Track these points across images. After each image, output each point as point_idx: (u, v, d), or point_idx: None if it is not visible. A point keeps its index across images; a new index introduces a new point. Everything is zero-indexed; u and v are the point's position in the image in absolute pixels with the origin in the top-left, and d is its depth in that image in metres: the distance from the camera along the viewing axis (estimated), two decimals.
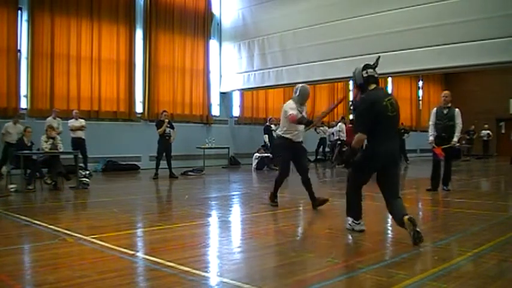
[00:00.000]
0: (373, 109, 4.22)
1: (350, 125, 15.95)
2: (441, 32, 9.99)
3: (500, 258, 3.59)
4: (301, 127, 6.06)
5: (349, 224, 4.65)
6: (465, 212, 5.89)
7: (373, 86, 4.45)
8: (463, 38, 9.73)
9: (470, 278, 3.06)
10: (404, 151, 17.86)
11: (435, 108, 8.18)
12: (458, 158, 20.45)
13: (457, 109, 7.89)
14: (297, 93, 6.09)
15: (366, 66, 4.68)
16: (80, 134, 10.79)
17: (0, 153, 10.10)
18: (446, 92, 8.20)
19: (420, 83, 25.49)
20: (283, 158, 6.21)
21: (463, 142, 21.39)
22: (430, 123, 8.12)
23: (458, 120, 7.79)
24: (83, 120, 11.06)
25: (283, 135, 6.07)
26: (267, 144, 14.85)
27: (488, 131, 21.19)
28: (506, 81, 22.65)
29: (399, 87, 23.71)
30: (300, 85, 6.24)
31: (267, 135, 14.59)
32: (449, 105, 7.91)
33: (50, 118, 10.45)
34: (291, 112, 5.85)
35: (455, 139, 7.71)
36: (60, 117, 10.87)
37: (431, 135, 8.05)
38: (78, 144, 10.58)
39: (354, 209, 4.67)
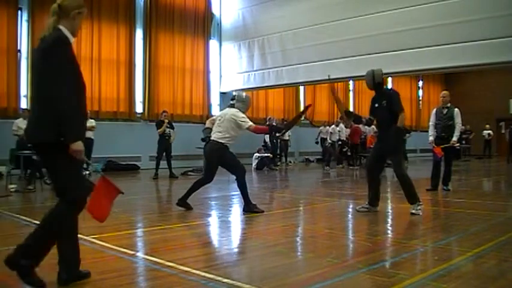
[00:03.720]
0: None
1: (356, 125, 15.92)
2: (441, 32, 10.00)
3: (500, 258, 3.59)
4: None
5: (418, 209, 5.49)
6: (465, 212, 5.89)
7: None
8: (463, 38, 9.74)
9: (470, 278, 3.06)
10: (404, 151, 17.83)
11: (435, 109, 8.20)
12: (458, 158, 20.50)
13: (456, 109, 7.88)
14: (245, 103, 5.93)
15: (381, 70, 5.74)
16: (89, 134, 10.52)
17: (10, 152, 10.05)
18: (444, 92, 8.20)
19: (420, 83, 25.51)
20: (232, 159, 5.85)
21: (463, 142, 21.42)
22: (430, 123, 8.13)
23: (458, 120, 7.78)
24: (92, 121, 10.87)
25: (226, 143, 5.73)
26: (268, 144, 14.89)
27: (489, 131, 21.18)
28: (506, 81, 22.65)
29: (399, 87, 23.63)
30: (243, 93, 6.15)
31: (267, 135, 14.62)
32: (449, 105, 7.91)
33: None
34: (250, 124, 5.71)
35: (454, 139, 7.70)
36: None
37: (431, 136, 8.05)
38: (89, 145, 10.43)
39: (415, 191, 5.56)
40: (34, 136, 2.78)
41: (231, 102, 5.98)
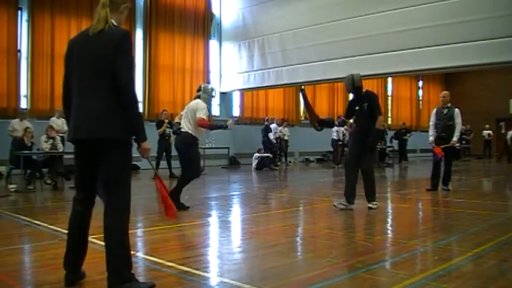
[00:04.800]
0: None
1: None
2: (441, 32, 10.00)
3: (500, 258, 3.59)
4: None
5: (375, 204, 5.89)
6: (465, 212, 5.89)
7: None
8: (463, 38, 9.74)
9: (470, 278, 3.06)
10: (405, 151, 17.85)
11: (435, 109, 8.19)
12: (458, 158, 20.50)
13: (456, 109, 7.87)
14: (209, 93, 6.12)
15: (359, 74, 6.09)
16: None
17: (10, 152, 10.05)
18: (444, 92, 8.19)
19: (420, 83, 25.51)
20: (195, 156, 6.00)
21: (463, 142, 21.41)
22: (430, 123, 8.12)
23: (458, 120, 7.78)
24: None
25: (195, 135, 5.89)
26: (273, 143, 14.99)
27: (489, 131, 21.19)
28: (506, 81, 22.66)
29: (399, 87, 23.73)
30: (210, 85, 6.33)
31: (271, 134, 14.96)
32: (449, 105, 7.90)
33: (53, 118, 10.28)
34: (202, 116, 5.79)
35: (454, 139, 7.70)
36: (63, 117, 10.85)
37: (431, 135, 8.05)
38: None
39: (375, 190, 5.99)
40: (100, 131, 2.63)
41: (197, 93, 6.14)
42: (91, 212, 2.89)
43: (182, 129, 5.93)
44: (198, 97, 6.08)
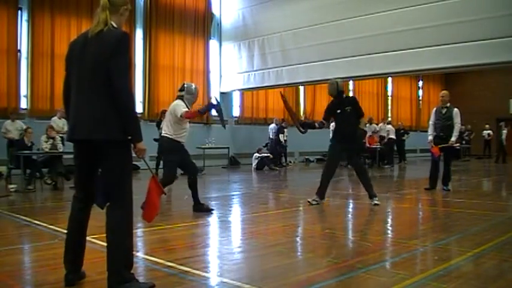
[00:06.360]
0: None
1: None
2: (441, 32, 10.00)
3: (500, 258, 3.59)
4: (188, 128, 5.68)
5: (376, 203, 6.18)
6: (465, 212, 5.89)
7: None
8: (463, 38, 9.74)
9: (470, 278, 3.06)
10: (403, 151, 17.84)
11: (435, 108, 8.21)
12: (458, 158, 20.49)
13: (455, 109, 7.89)
14: (193, 95, 5.74)
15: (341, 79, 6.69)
16: None
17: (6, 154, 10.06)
18: (443, 92, 8.22)
19: (420, 83, 25.50)
20: (173, 162, 5.64)
21: (463, 142, 21.38)
22: (430, 122, 8.16)
23: (457, 120, 7.79)
24: None
25: (176, 138, 5.54)
26: (282, 143, 15.12)
27: (489, 131, 21.18)
28: (506, 81, 22.64)
29: (399, 87, 23.73)
30: (193, 85, 5.88)
31: (281, 134, 15.20)
32: (448, 104, 7.92)
33: (55, 118, 10.25)
34: (184, 110, 5.42)
35: (453, 139, 7.72)
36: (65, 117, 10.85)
37: (430, 135, 8.07)
38: None
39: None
40: (97, 132, 2.63)
41: (179, 93, 5.71)
42: (90, 210, 2.91)
43: (162, 133, 5.69)
44: (180, 97, 5.66)
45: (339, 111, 6.45)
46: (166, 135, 5.58)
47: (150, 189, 3.11)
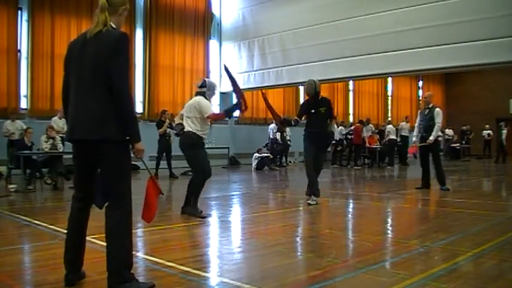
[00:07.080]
0: None
1: (358, 124, 15.95)
2: (441, 32, 10.00)
3: (500, 258, 3.59)
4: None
5: (312, 203, 6.35)
6: (465, 212, 5.89)
7: None
8: (463, 38, 9.74)
9: (470, 278, 3.06)
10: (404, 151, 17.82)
11: (420, 110, 8.48)
12: (457, 158, 20.49)
13: (437, 109, 8.11)
14: (213, 90, 5.74)
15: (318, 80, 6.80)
16: None
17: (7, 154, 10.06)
18: (427, 93, 8.66)
19: (420, 83, 25.49)
20: (202, 156, 5.64)
21: (463, 142, 21.38)
22: (415, 124, 8.41)
23: (437, 120, 7.99)
24: None
25: (201, 135, 5.52)
26: (283, 141, 15.10)
27: (489, 131, 21.18)
28: (506, 81, 22.62)
29: (399, 87, 23.72)
30: (213, 81, 5.97)
31: (279, 133, 15.10)
32: (431, 105, 8.15)
33: (55, 118, 10.22)
34: (211, 112, 5.49)
35: (431, 138, 7.90)
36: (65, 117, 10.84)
37: (415, 136, 8.35)
38: None
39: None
40: (96, 132, 2.63)
41: (199, 90, 5.62)
42: (89, 210, 2.91)
43: (185, 129, 5.56)
44: (201, 93, 5.57)
45: (313, 111, 6.63)
46: (192, 130, 5.47)
47: (148, 190, 3.10)
